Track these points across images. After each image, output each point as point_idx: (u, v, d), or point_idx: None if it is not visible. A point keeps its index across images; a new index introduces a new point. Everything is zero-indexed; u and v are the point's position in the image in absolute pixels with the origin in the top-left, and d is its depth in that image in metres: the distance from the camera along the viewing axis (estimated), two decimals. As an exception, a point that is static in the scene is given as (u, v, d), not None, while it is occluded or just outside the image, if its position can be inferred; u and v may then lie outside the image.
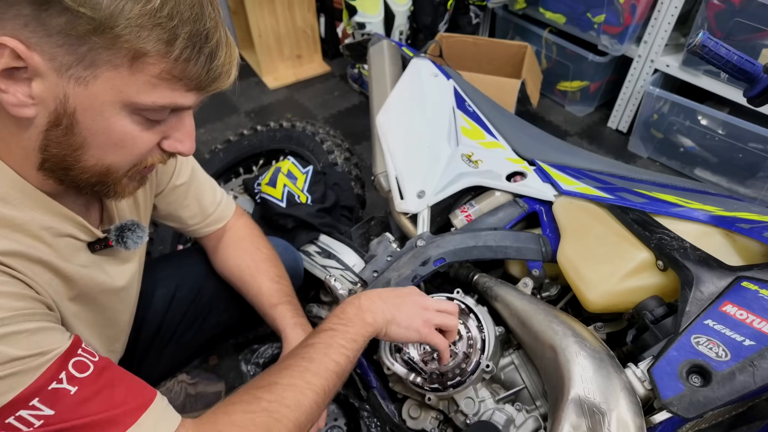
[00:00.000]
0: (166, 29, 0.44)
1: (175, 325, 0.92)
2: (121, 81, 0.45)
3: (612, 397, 0.61)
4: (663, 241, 0.73)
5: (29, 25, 0.41)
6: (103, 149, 0.50)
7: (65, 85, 0.44)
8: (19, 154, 0.50)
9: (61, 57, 0.43)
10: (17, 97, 0.44)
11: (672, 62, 1.70)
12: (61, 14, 0.41)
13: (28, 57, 0.42)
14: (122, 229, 0.64)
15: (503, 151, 1.02)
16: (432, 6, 2.05)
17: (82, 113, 0.46)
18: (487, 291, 0.86)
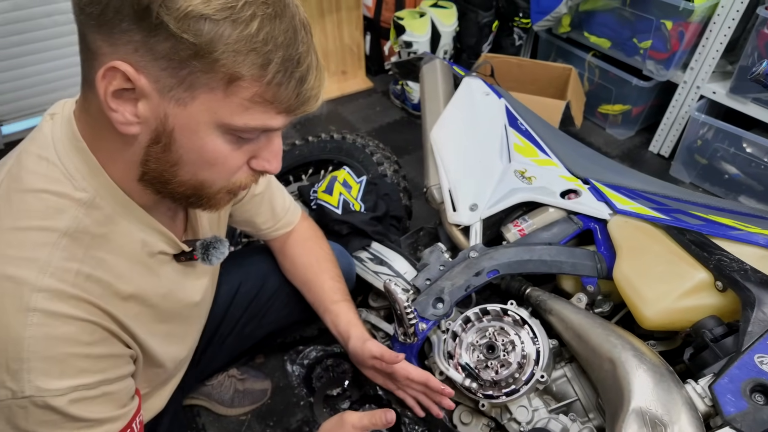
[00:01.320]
0: (261, 54, 0.45)
1: (236, 319, 0.97)
2: (216, 103, 0.47)
3: (674, 411, 0.63)
4: (722, 262, 0.75)
5: (139, 50, 0.44)
6: (197, 166, 0.52)
7: (166, 105, 0.47)
8: (123, 167, 0.53)
9: (164, 79, 0.45)
10: (125, 116, 0.47)
11: (719, 89, 1.71)
12: (166, 40, 0.43)
13: (137, 79, 0.45)
14: (208, 246, 0.66)
15: (557, 168, 1.05)
16: (477, 27, 2.10)
17: (180, 132, 0.49)
18: (540, 304, 0.88)
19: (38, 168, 0.52)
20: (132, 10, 0.43)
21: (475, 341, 0.85)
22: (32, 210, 0.50)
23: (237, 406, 1.19)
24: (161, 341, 0.66)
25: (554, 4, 1.84)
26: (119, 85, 0.45)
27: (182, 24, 0.43)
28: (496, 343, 0.83)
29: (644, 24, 1.75)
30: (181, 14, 0.42)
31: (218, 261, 0.67)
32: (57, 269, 0.49)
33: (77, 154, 0.52)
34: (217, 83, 0.46)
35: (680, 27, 1.66)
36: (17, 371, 0.47)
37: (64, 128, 0.53)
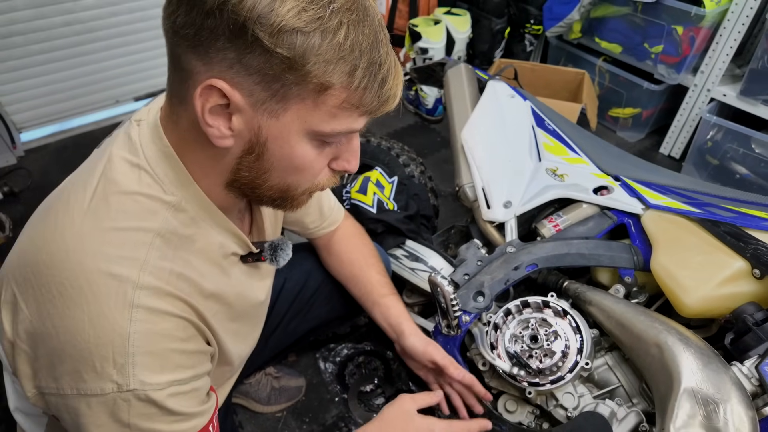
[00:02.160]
0: (348, 61, 0.46)
1: (281, 315, 1.00)
2: (306, 112, 0.48)
3: (724, 390, 0.66)
4: (759, 251, 0.78)
5: (233, 67, 0.45)
6: (286, 172, 0.54)
7: (259, 118, 0.48)
8: (211, 175, 0.55)
9: (258, 93, 0.46)
10: (220, 130, 0.49)
11: (729, 92, 1.76)
12: (260, 55, 0.44)
13: (232, 95, 0.46)
14: (275, 247, 0.68)
15: (587, 166, 1.08)
16: (490, 34, 2.16)
17: (272, 142, 0.50)
18: (579, 296, 0.91)
19: (131, 173, 0.54)
20: (228, 29, 0.43)
21: (517, 332, 0.88)
22: (129, 211, 0.52)
23: (273, 404, 1.21)
24: (232, 339, 0.68)
25: (567, 11, 1.90)
26: (215, 101, 0.47)
27: (276, 39, 0.43)
28: (539, 333, 0.86)
29: (655, 29, 1.80)
30: (275, 29, 0.43)
31: (284, 262, 0.69)
32: (154, 268, 0.52)
33: (165, 160, 0.54)
34: (308, 93, 0.47)
35: (691, 32, 1.71)
36: (123, 365, 0.49)
37: (152, 135, 0.55)
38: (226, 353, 0.67)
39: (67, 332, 0.49)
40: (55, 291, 0.49)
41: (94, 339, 0.48)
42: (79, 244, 0.50)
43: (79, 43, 2.04)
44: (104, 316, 0.48)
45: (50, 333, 0.49)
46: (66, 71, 2.07)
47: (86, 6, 1.97)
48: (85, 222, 0.51)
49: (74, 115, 2.19)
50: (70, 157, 2.06)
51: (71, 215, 0.52)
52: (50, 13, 1.91)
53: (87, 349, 0.48)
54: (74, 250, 0.50)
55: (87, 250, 0.50)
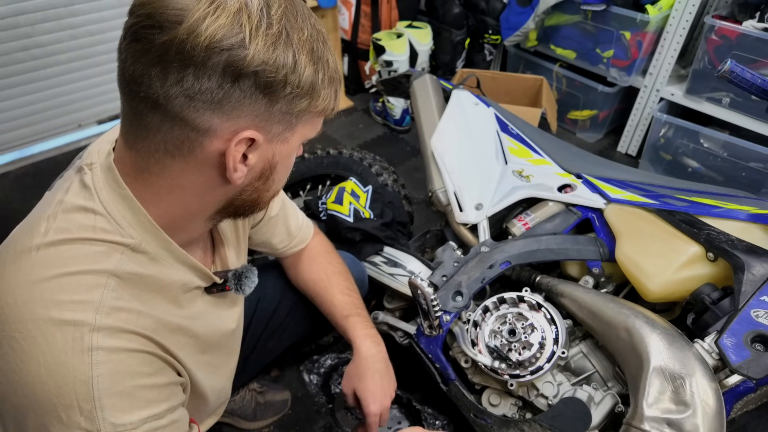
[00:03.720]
0: (335, 82, 0.53)
1: (257, 336, 0.98)
2: (308, 127, 0.55)
3: (689, 365, 0.71)
4: (711, 236, 0.85)
5: (260, 115, 0.49)
6: (281, 182, 0.59)
7: (273, 147, 0.53)
8: (190, 212, 0.56)
9: (274, 128, 0.51)
10: (242, 171, 0.52)
11: (676, 91, 1.87)
12: (287, 101, 0.49)
13: (257, 137, 0.50)
14: (240, 276, 0.67)
15: (550, 167, 1.14)
16: (451, 45, 2.23)
17: (281, 162, 0.55)
18: (551, 289, 0.96)
19: (84, 218, 0.52)
20: (258, 88, 0.47)
21: (496, 328, 0.91)
22: (81, 256, 0.51)
23: (260, 419, 1.20)
24: (205, 371, 0.66)
25: (522, 21, 1.99)
26: (242, 149, 0.50)
27: (302, 85, 0.49)
28: (517, 327, 0.90)
29: (606, 35, 1.91)
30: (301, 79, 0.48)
31: (251, 290, 0.68)
32: (111, 308, 0.50)
33: (123, 202, 0.53)
34: (314, 116, 0.54)
35: (638, 37, 1.83)
36: (90, 411, 0.47)
37: (107, 178, 0.54)
38: (199, 386, 0.65)
39: (25, 387, 0.47)
40: (6, 347, 0.47)
41: (55, 389, 0.46)
42: (29, 294, 0.48)
43: (39, 67, 1.99)
44: (62, 365, 0.46)
45: (8, 390, 0.47)
46: (25, 96, 2.01)
47: (45, 30, 1.93)
48: (35, 271, 0.49)
49: (35, 141, 2.14)
50: (32, 185, 2.00)
51: (19, 265, 0.50)
52: (7, 38, 1.86)
53: (49, 401, 0.46)
54: (24, 302, 0.48)
55: (37, 299, 0.48)
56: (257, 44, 0.45)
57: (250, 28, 0.45)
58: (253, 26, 0.45)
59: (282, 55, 0.47)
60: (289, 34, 0.47)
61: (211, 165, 0.51)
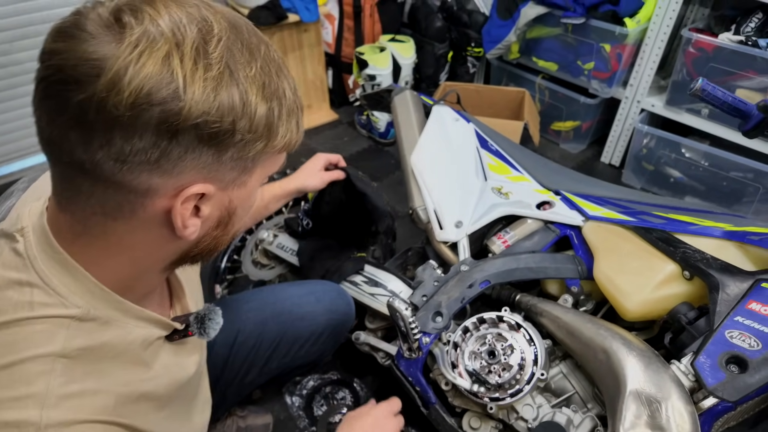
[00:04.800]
0: (295, 113, 0.48)
1: (236, 369, 0.96)
2: (268, 167, 0.50)
3: (665, 388, 0.70)
4: (686, 254, 0.85)
5: (208, 166, 0.43)
6: (243, 220, 0.53)
7: (229, 193, 0.47)
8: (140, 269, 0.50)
9: (228, 176, 0.46)
10: (195, 225, 0.46)
11: (656, 102, 1.89)
12: (240, 147, 0.44)
13: (207, 190, 0.44)
14: (202, 319, 0.61)
15: (529, 183, 1.14)
16: (434, 58, 2.24)
17: (241, 206, 0.50)
18: (531, 308, 0.95)
19: (20, 296, 0.46)
20: (202, 141, 0.41)
21: (476, 349, 0.90)
22: (19, 341, 0.44)
23: (241, 444, 1.18)
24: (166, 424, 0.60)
25: (504, 34, 2.00)
26: (192, 205, 0.45)
27: (255, 128, 0.43)
28: (496, 348, 0.89)
29: (586, 48, 1.93)
30: (254, 121, 0.43)
31: (215, 332, 0.61)
32: (60, 397, 0.44)
33: (62, 269, 0.47)
34: (274, 153, 0.48)
35: (618, 49, 1.84)
36: None
37: (41, 244, 0.47)
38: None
39: None
40: None
41: None
42: None
43: (17, 84, 1.97)
44: None
45: None
46: (4, 114, 1.99)
47: (23, 47, 1.91)
48: None
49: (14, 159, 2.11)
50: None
51: None
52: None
53: None
54: None
55: None
56: (194, 92, 0.39)
57: (184, 75, 0.39)
58: (188, 71, 0.39)
59: (226, 100, 0.41)
60: (233, 72, 0.41)
61: (159, 223, 0.46)
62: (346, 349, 1.23)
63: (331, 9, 2.32)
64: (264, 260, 1.41)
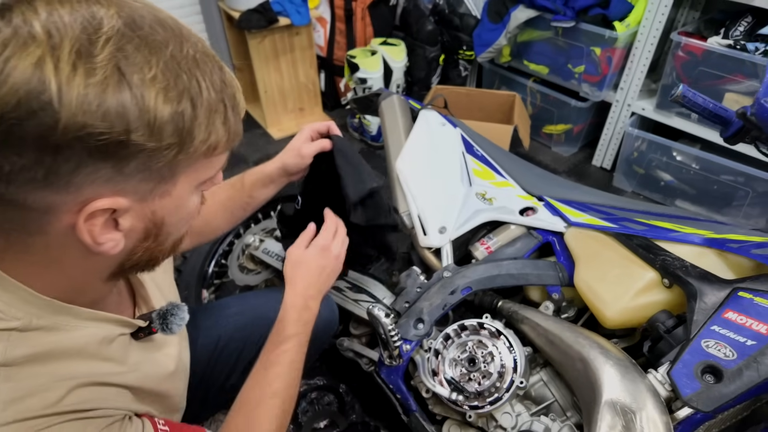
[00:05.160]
0: (220, 111, 0.45)
1: (219, 373, 0.95)
2: (195, 173, 0.47)
3: (640, 398, 0.70)
4: (666, 261, 0.84)
5: (111, 179, 0.40)
6: (180, 229, 0.52)
7: (150, 205, 0.45)
8: (80, 280, 0.49)
9: (142, 187, 0.43)
10: (114, 240, 0.44)
11: (647, 105, 1.89)
12: (144, 157, 0.40)
13: (115, 204, 0.42)
14: (164, 314, 0.61)
15: (513, 189, 1.14)
16: (426, 61, 2.24)
17: (169, 216, 0.48)
18: (512, 315, 0.95)
19: None
20: (97, 153, 0.38)
21: (456, 356, 0.90)
22: None
23: (224, 451, 1.17)
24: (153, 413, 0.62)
25: (495, 37, 2.00)
26: (101, 220, 0.42)
27: (159, 134, 0.40)
28: (476, 355, 0.88)
29: (576, 51, 1.93)
30: (154, 127, 0.39)
31: (179, 328, 0.62)
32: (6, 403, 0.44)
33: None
34: (197, 158, 0.45)
35: (608, 53, 1.84)
36: None
37: None
38: None
39: None
40: None
41: None
42: None
43: None
44: None
45: None
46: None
47: None
48: None
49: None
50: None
51: None
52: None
53: None
54: None
55: None
56: (71, 102, 0.35)
57: (59, 82, 0.35)
58: (64, 78, 0.35)
59: (114, 108, 0.37)
60: (124, 75, 0.37)
61: (74, 239, 0.43)
62: (332, 355, 1.23)
63: (323, 12, 2.32)
64: (250, 265, 1.41)
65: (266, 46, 2.20)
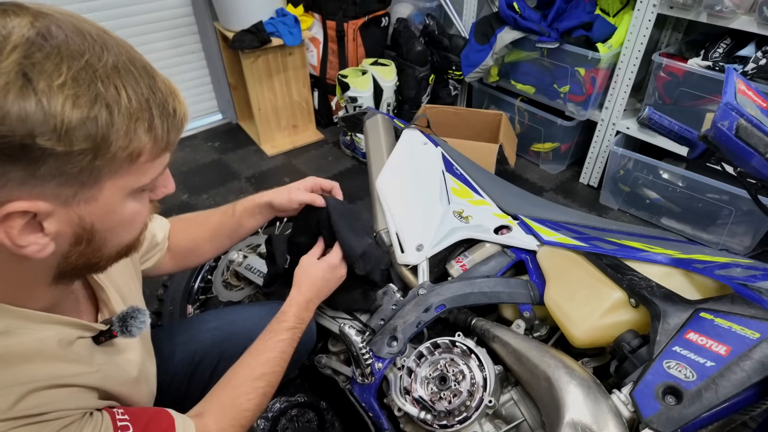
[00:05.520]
0: (144, 118, 0.45)
1: (194, 387, 0.96)
2: (121, 181, 0.48)
3: (601, 419, 0.70)
4: (633, 281, 0.85)
5: (26, 182, 0.41)
6: (121, 235, 0.53)
7: (75, 210, 0.46)
8: (30, 286, 0.51)
9: (64, 192, 0.44)
10: (38, 243, 0.45)
11: (631, 125, 1.92)
12: (56, 161, 0.41)
13: (34, 208, 0.43)
14: (124, 318, 0.62)
15: (489, 207, 1.15)
16: (415, 81, 2.28)
17: (99, 221, 0.49)
18: (484, 333, 0.96)
19: None
20: (3, 155, 0.40)
21: (428, 374, 0.90)
22: None
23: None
24: None
25: (481, 58, 2.04)
26: (20, 223, 0.43)
27: (68, 139, 0.41)
28: (447, 374, 0.89)
29: (561, 71, 1.96)
30: (61, 132, 0.40)
31: (139, 331, 0.63)
32: None
33: None
34: (120, 165, 0.46)
35: (592, 73, 1.87)
36: None
37: None
38: None
39: None
40: None
41: None
42: None
43: None
44: None
45: None
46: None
47: None
48: None
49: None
50: None
51: None
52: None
53: None
54: None
55: None
56: None
57: None
58: None
59: (16, 112, 0.38)
60: (31, 81, 0.39)
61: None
62: (313, 372, 1.22)
63: (316, 33, 2.37)
64: (234, 281, 1.42)
65: (260, 65, 2.24)
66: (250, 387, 0.77)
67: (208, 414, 0.73)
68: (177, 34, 2.42)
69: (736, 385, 0.66)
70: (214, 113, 2.76)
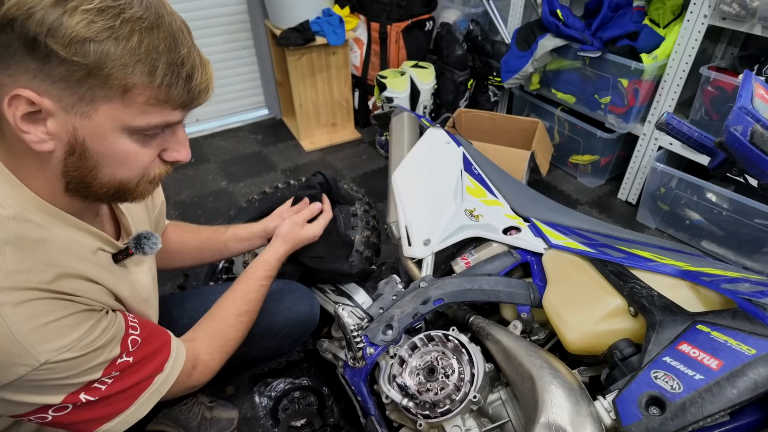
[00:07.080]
0: (146, 63, 0.52)
1: None
2: (116, 111, 0.54)
3: (578, 423, 0.68)
4: (634, 289, 0.82)
5: (37, 76, 0.50)
6: (113, 167, 0.59)
7: (73, 120, 0.53)
8: (47, 183, 0.59)
9: (66, 98, 0.52)
10: (37, 135, 0.53)
11: (675, 141, 1.82)
12: (60, 65, 0.49)
13: (40, 102, 0.51)
14: (139, 237, 0.73)
15: (502, 208, 1.14)
16: (454, 85, 2.28)
17: (91, 141, 0.55)
18: (480, 331, 0.95)
19: None
20: (21, 44, 0.49)
21: (418, 365, 0.91)
22: None
23: (203, 434, 1.23)
24: None
25: (521, 65, 2.01)
26: (25, 109, 0.51)
27: (70, 49, 0.49)
28: (437, 366, 0.89)
29: (603, 82, 1.90)
30: (66, 40, 0.48)
31: (152, 251, 0.74)
32: (10, 272, 0.53)
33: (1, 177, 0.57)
34: (114, 94, 0.53)
35: (635, 84, 1.81)
36: (20, 352, 0.52)
37: None
38: None
39: None
40: None
41: None
42: None
43: None
44: None
45: None
46: None
47: None
48: None
49: None
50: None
51: None
52: None
53: None
54: None
55: None
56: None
57: None
58: None
59: (43, 14, 0.47)
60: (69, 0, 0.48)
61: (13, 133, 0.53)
62: (320, 357, 1.26)
63: (360, 34, 2.43)
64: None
65: (304, 63, 2.33)
66: (236, 320, 0.88)
67: (198, 340, 0.82)
68: (231, 30, 2.55)
69: (724, 402, 0.63)
70: (260, 108, 2.88)
